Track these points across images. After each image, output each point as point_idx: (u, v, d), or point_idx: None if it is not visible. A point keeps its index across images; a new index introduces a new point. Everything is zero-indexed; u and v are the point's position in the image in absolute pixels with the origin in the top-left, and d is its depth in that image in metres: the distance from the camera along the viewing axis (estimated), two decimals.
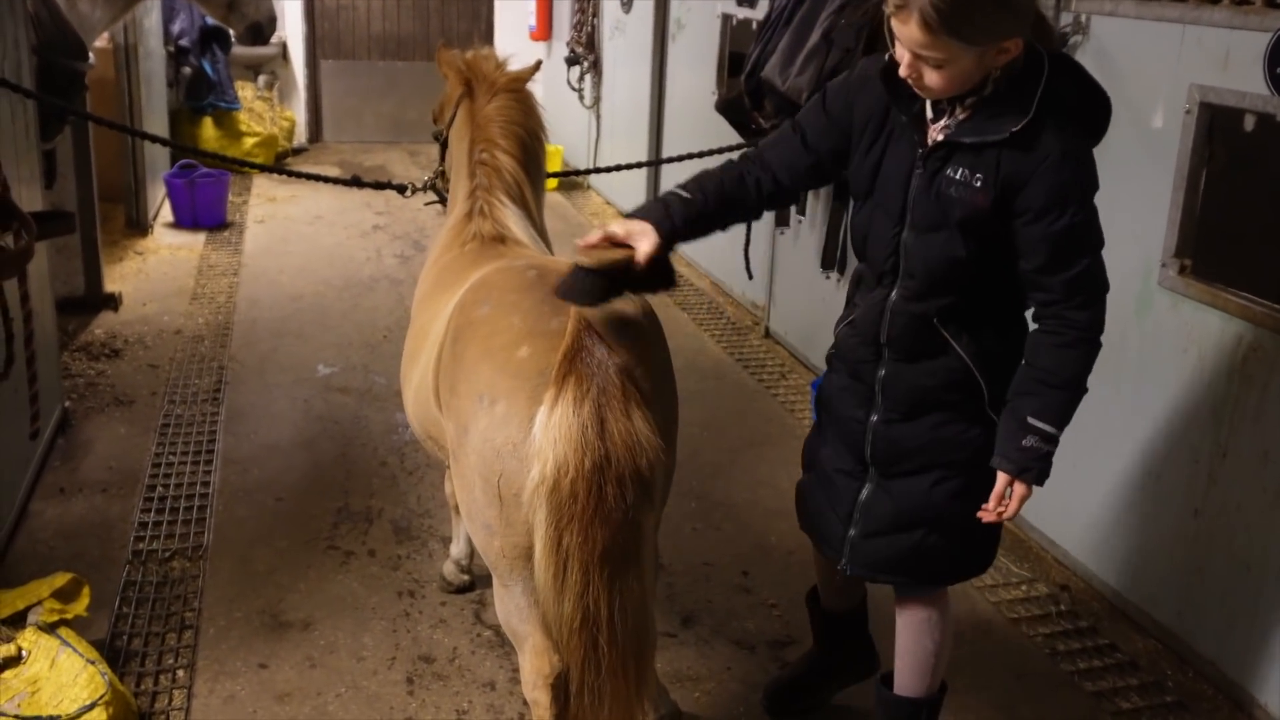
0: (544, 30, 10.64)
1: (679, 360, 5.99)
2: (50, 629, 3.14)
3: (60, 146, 5.66)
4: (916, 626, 2.90)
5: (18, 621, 3.19)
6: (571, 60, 9.64)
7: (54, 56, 5.13)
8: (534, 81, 3.62)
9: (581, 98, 9.60)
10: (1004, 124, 2.42)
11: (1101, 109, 2.54)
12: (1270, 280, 3.62)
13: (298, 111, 11.58)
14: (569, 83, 9.62)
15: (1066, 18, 3.94)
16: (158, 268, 7.46)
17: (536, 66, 3.69)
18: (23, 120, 4.41)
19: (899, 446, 2.71)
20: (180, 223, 8.36)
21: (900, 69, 2.43)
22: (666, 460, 2.54)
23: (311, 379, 5.72)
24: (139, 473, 4.65)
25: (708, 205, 2.68)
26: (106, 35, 6.76)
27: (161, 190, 8.61)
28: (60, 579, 3.34)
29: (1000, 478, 2.55)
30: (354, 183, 4.47)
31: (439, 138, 3.69)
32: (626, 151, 8.70)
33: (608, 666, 2.39)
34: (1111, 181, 3.80)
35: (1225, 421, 3.46)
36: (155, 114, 8.46)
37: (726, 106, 5.54)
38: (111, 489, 4.52)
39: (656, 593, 2.78)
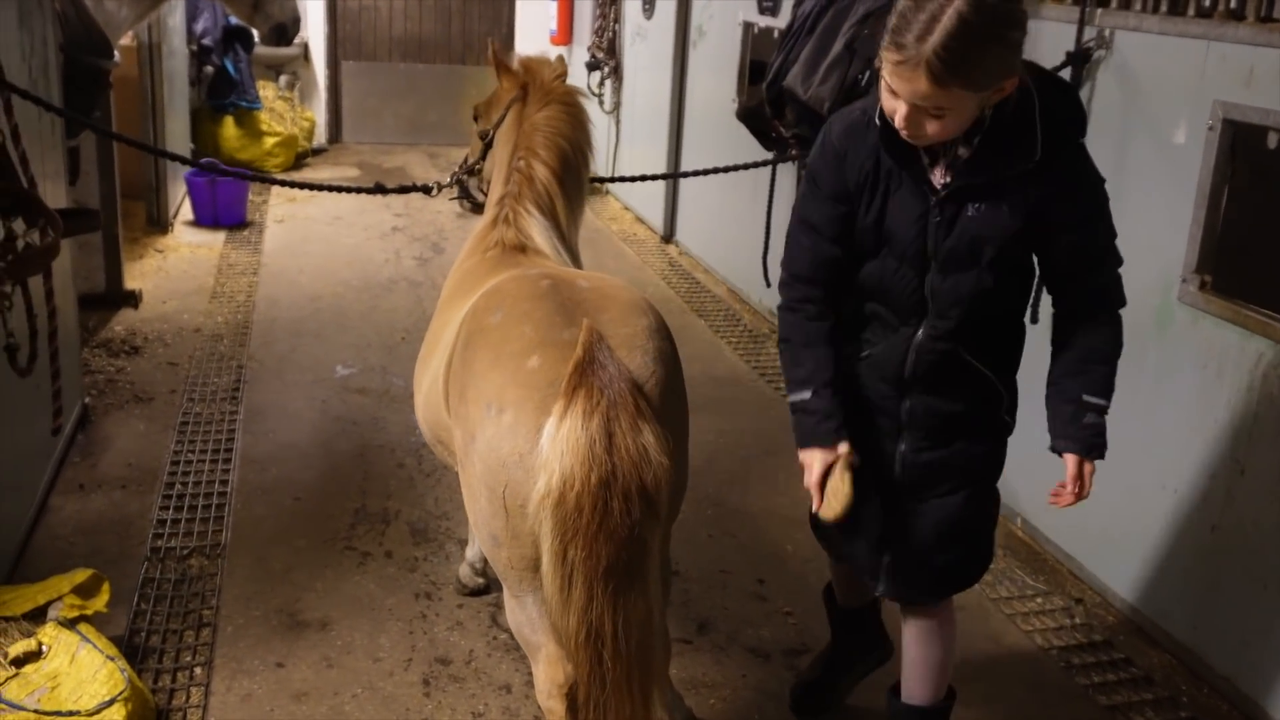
0: (565, 34, 10.66)
1: (695, 367, 6.04)
2: (70, 625, 3.16)
3: (84, 144, 5.70)
4: (925, 636, 2.90)
5: (38, 617, 3.21)
6: (592, 65, 9.66)
7: (79, 54, 5.17)
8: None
9: (601, 103, 9.62)
10: (1018, 153, 2.44)
11: (1077, 103, 2.61)
12: None
13: (318, 112, 11.62)
14: (589, 88, 9.62)
15: (1090, 33, 3.94)
16: (178, 266, 7.49)
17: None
18: (48, 117, 4.44)
19: (932, 471, 2.73)
20: (201, 221, 8.40)
21: (896, 120, 2.39)
22: (675, 476, 2.52)
23: (330, 379, 5.75)
24: (158, 470, 4.67)
25: (831, 387, 2.68)
26: (131, 33, 6.81)
27: (182, 188, 8.66)
28: (80, 575, 3.36)
29: (1070, 460, 2.61)
30: (378, 190, 4.46)
31: (485, 137, 3.67)
32: (646, 158, 8.72)
33: (612, 681, 2.37)
34: (1133, 196, 3.82)
35: (1244, 438, 3.45)
36: (177, 112, 8.51)
37: (747, 114, 5.55)
38: (130, 486, 4.55)
39: (666, 607, 2.74)
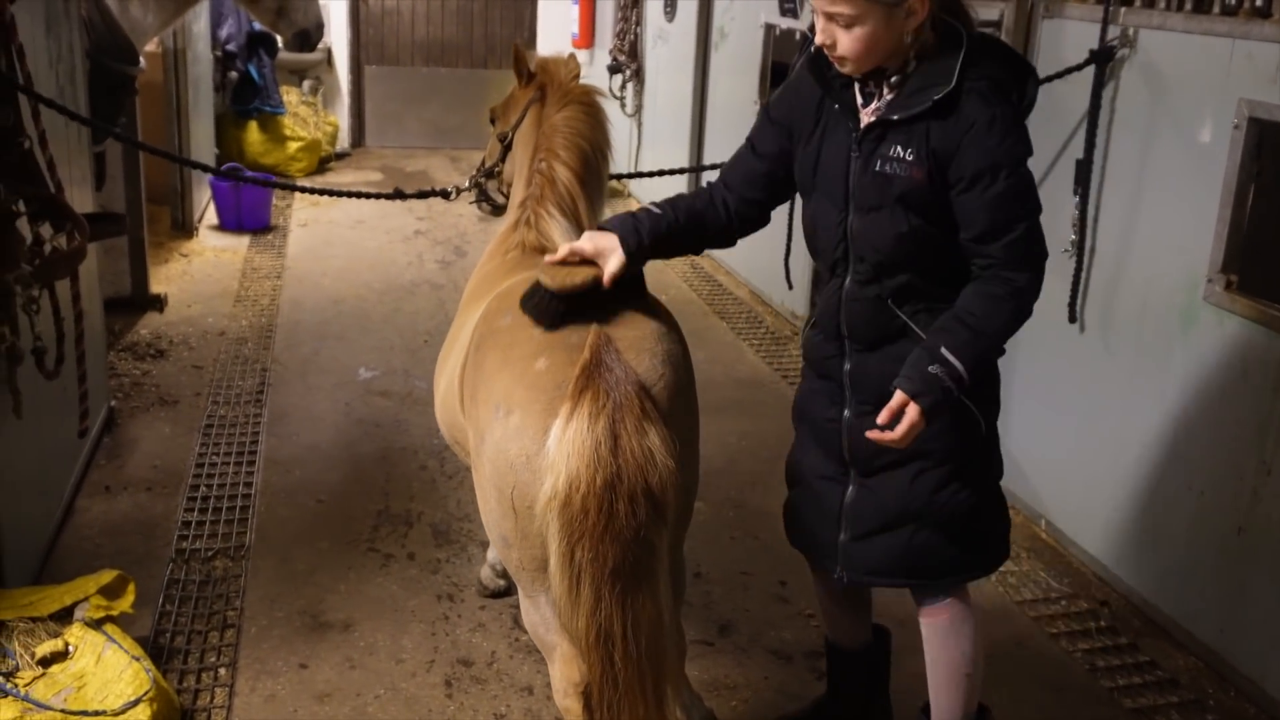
0: (586, 38, 10.67)
1: (717, 369, 6.05)
2: (96, 625, 3.18)
3: (110, 149, 5.74)
4: (939, 632, 2.85)
5: (65, 617, 3.23)
6: (614, 68, 9.66)
7: (105, 60, 5.21)
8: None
9: (623, 106, 9.62)
10: (927, 95, 2.47)
11: (1027, 77, 2.59)
12: None
13: (341, 116, 11.68)
14: (611, 90, 9.63)
15: (1114, 31, 3.93)
16: (202, 269, 7.54)
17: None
18: (75, 123, 4.47)
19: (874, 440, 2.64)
20: (225, 225, 8.45)
21: (816, 37, 2.50)
22: (684, 478, 2.51)
23: (353, 382, 5.77)
24: (183, 472, 4.70)
25: (677, 222, 2.74)
26: (156, 39, 6.85)
27: (207, 193, 8.71)
28: (106, 576, 3.38)
29: (896, 395, 2.47)
30: (397, 195, 4.48)
31: (504, 139, 3.68)
32: (668, 160, 8.71)
33: (624, 682, 2.37)
34: (1158, 196, 3.81)
35: (1270, 438, 3.42)
36: (202, 117, 8.56)
37: None
38: (156, 488, 4.58)
39: (680, 607, 2.72)
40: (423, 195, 4.48)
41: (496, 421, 2.52)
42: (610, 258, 2.61)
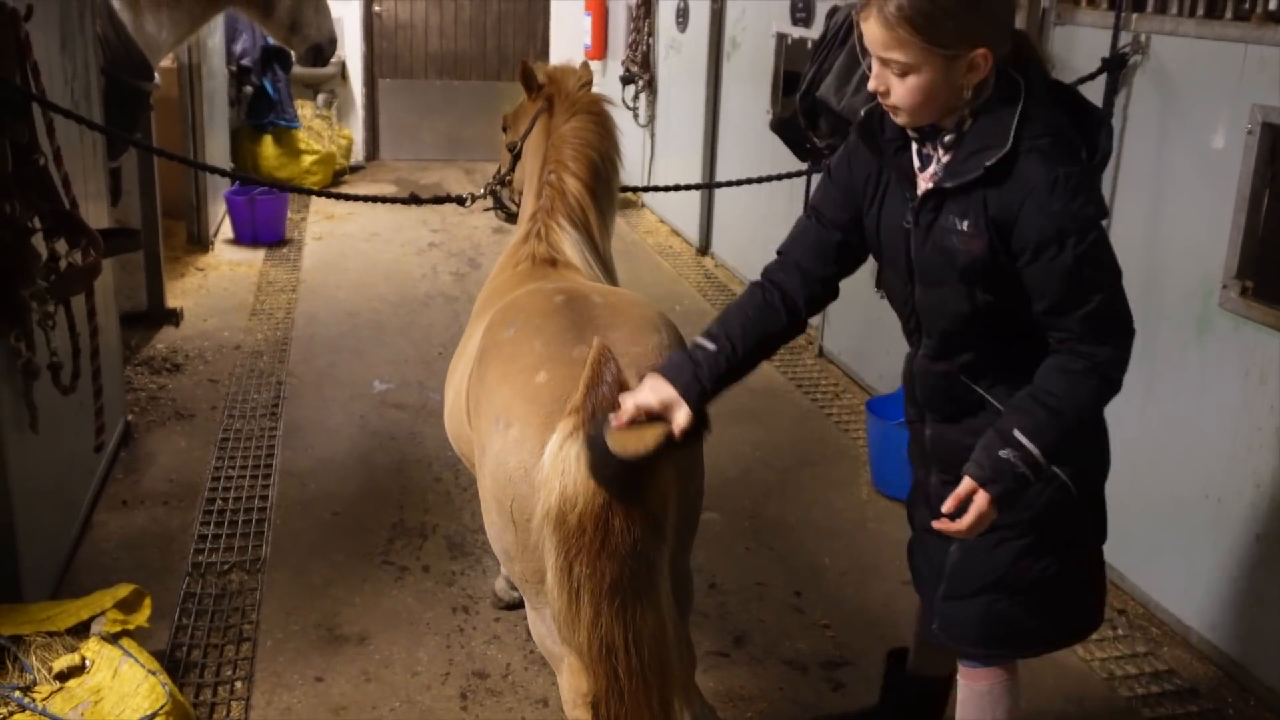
0: (599, 49, 10.70)
1: None
2: (113, 639, 3.19)
3: (125, 164, 5.78)
4: (977, 696, 2.72)
5: (81, 631, 3.24)
6: (626, 79, 9.68)
7: (120, 75, 5.25)
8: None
9: (636, 116, 9.64)
10: (980, 160, 2.26)
11: (1098, 128, 2.37)
12: None
13: (355, 129, 11.73)
14: (623, 101, 9.64)
15: (1126, 37, 3.92)
16: (218, 283, 7.57)
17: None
18: (90, 138, 4.51)
19: None
20: (240, 239, 8.49)
21: (870, 82, 2.31)
22: (688, 490, 2.49)
23: (368, 395, 5.79)
24: (199, 485, 4.72)
25: (736, 353, 2.46)
26: (171, 55, 6.90)
27: (222, 207, 8.75)
28: (123, 590, 3.39)
29: (964, 482, 2.28)
30: (413, 200, 4.51)
31: (513, 148, 3.68)
32: (681, 170, 8.74)
33: (630, 695, 2.34)
34: (1172, 202, 3.79)
35: None
36: (217, 132, 8.61)
37: (781, 126, 5.55)
38: (172, 501, 4.59)
39: (687, 619, 2.70)
40: (438, 201, 4.53)
41: (496, 434, 2.52)
42: (677, 412, 2.32)
